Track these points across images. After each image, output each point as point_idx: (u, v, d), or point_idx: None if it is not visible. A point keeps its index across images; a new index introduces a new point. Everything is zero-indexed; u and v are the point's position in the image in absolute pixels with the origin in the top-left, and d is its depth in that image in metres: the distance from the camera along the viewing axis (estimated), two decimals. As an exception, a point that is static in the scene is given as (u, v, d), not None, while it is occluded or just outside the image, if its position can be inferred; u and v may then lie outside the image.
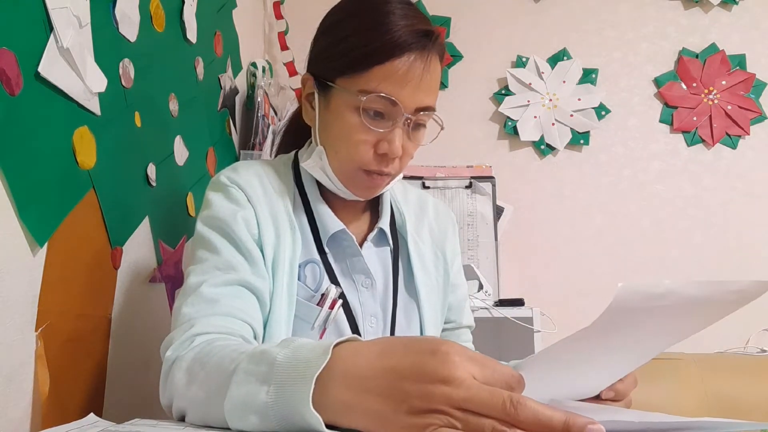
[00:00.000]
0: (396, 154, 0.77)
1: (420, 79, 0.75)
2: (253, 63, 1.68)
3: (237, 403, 0.50)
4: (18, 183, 0.66)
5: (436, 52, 0.77)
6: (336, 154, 0.79)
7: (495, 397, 0.40)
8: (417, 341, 0.46)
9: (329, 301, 0.78)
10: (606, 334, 0.46)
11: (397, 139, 0.76)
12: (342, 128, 0.77)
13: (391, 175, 0.80)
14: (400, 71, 0.74)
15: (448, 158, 1.96)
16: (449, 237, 0.95)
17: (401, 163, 0.80)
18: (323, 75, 0.79)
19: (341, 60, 0.77)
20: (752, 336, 1.84)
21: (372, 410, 0.44)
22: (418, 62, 0.75)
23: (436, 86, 0.79)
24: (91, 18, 0.81)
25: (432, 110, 0.79)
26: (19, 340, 0.67)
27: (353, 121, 0.76)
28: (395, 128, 0.76)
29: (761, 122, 2.03)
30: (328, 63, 0.79)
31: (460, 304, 0.96)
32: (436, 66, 0.78)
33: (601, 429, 0.39)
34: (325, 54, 0.80)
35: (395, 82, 0.74)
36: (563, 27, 2.09)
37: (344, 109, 0.77)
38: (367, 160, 0.77)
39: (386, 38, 0.74)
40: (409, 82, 0.74)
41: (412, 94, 0.75)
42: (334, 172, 0.80)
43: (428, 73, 0.76)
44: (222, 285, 0.72)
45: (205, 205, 0.80)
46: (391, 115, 0.76)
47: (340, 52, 0.77)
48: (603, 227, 2.02)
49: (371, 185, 0.80)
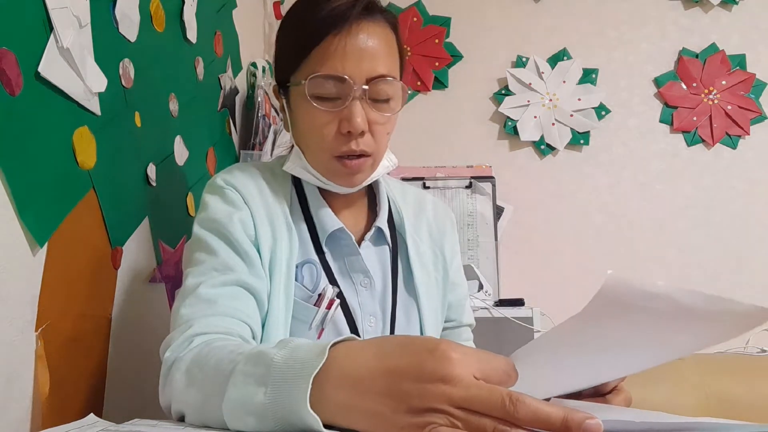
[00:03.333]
0: (358, 129, 0.75)
1: (361, 48, 0.74)
2: (253, 63, 1.68)
3: (235, 404, 0.50)
4: (18, 183, 0.66)
5: (375, 19, 0.77)
6: (308, 148, 0.80)
7: (494, 396, 0.40)
8: (413, 340, 0.46)
9: (326, 301, 0.78)
10: (595, 325, 0.44)
11: (356, 113, 0.74)
12: (303, 120, 0.79)
13: (367, 154, 0.78)
14: (335, 46, 0.74)
15: (448, 158, 1.96)
16: (448, 235, 0.95)
17: (376, 140, 0.78)
18: (281, 79, 0.82)
19: (287, 58, 0.79)
20: (752, 336, 1.83)
21: (371, 410, 0.44)
22: (353, 33, 0.74)
23: (386, 52, 0.77)
24: (91, 18, 0.81)
25: (388, 77, 0.77)
26: (19, 340, 0.67)
27: (308, 108, 0.76)
28: (351, 103, 0.75)
29: (761, 122, 2.03)
30: (280, 65, 0.82)
31: (460, 302, 0.95)
32: (379, 31, 0.77)
33: (599, 424, 0.39)
34: (277, 59, 0.83)
35: (335, 57, 0.74)
36: (563, 27, 2.09)
37: (300, 101, 0.78)
38: (333, 143, 0.77)
39: (315, 19, 0.75)
40: (349, 54, 0.74)
41: (356, 64, 0.74)
42: (313, 167, 0.81)
43: (369, 40, 0.75)
44: (220, 286, 0.72)
45: (202, 208, 0.81)
46: (343, 93, 0.75)
47: (285, 51, 0.80)
48: (603, 227, 2.02)
49: (348, 172, 0.79)
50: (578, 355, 0.50)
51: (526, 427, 0.40)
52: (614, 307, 0.43)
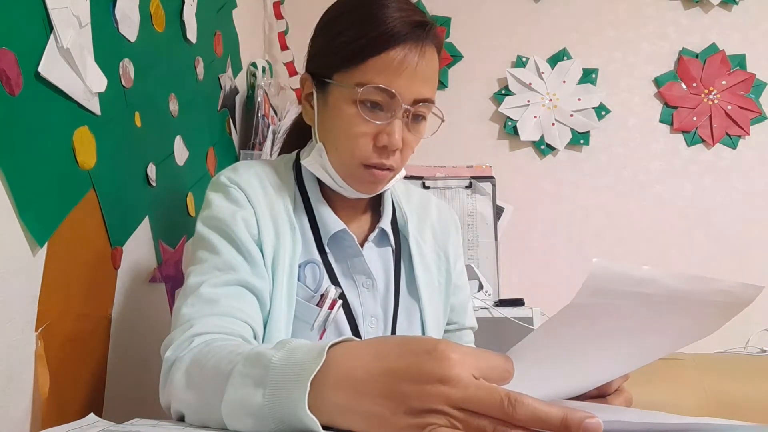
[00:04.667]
0: (396, 146, 0.76)
1: (416, 69, 0.75)
2: (253, 63, 1.68)
3: (233, 405, 0.50)
4: (18, 183, 0.66)
5: (431, 43, 0.77)
6: (336, 150, 0.79)
7: (493, 396, 0.40)
8: (412, 340, 0.46)
9: (329, 301, 0.78)
10: (586, 315, 0.44)
11: (396, 130, 0.75)
12: (341, 123, 0.77)
13: (393, 169, 0.79)
14: (396, 62, 0.74)
15: (448, 158, 1.96)
16: (452, 238, 0.95)
17: (402, 156, 0.80)
18: (321, 72, 0.80)
19: (337, 55, 0.77)
20: (752, 336, 1.83)
21: (370, 412, 0.44)
22: (413, 53, 0.75)
23: (433, 78, 0.79)
24: (91, 18, 0.81)
25: (431, 102, 0.78)
26: (19, 340, 0.67)
27: (351, 114, 0.76)
28: (394, 119, 0.75)
29: (761, 122, 2.03)
30: (325, 60, 0.79)
31: (463, 305, 0.95)
32: (433, 57, 0.78)
33: (599, 423, 0.39)
34: (322, 51, 0.81)
35: (391, 73, 0.74)
36: (563, 27, 2.09)
37: (342, 103, 0.77)
38: (366, 154, 0.77)
39: (380, 29, 0.74)
40: (405, 73, 0.74)
41: (408, 84, 0.75)
42: (335, 168, 0.80)
43: (424, 63, 0.76)
44: (221, 285, 0.72)
45: (205, 206, 0.80)
46: (389, 107, 0.76)
47: (336, 47, 0.78)
48: (603, 227, 2.02)
49: (372, 180, 0.79)
50: (573, 350, 0.49)
51: (526, 427, 0.40)
52: (603, 295, 0.42)
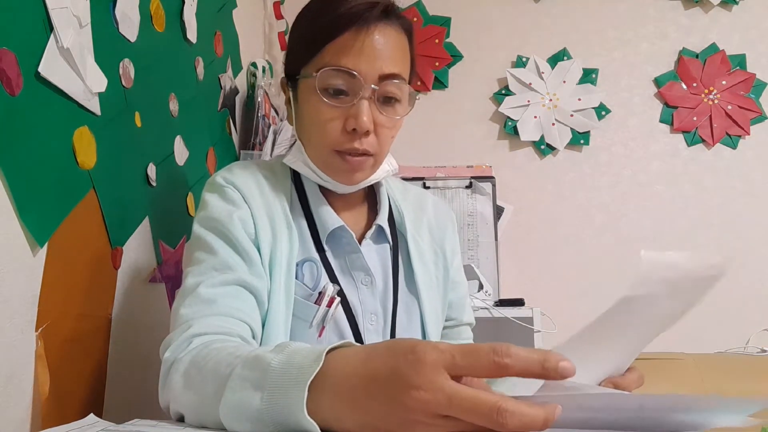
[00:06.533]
0: (364, 128, 0.75)
1: (374, 47, 0.75)
2: (253, 63, 1.68)
3: (232, 408, 0.50)
4: (18, 183, 0.66)
5: (392, 22, 0.77)
6: (310, 142, 0.80)
7: (480, 406, 0.38)
8: (398, 343, 0.43)
9: (327, 299, 0.78)
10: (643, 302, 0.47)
11: (363, 111, 0.75)
12: (309, 113, 0.78)
13: (368, 154, 0.78)
14: (352, 42, 0.74)
15: (448, 158, 1.96)
16: (448, 234, 0.95)
17: (379, 141, 0.79)
18: (291, 71, 0.82)
19: (300, 50, 0.79)
20: (752, 336, 1.83)
21: (360, 420, 0.43)
22: (370, 30, 0.75)
23: (398, 55, 0.78)
24: (91, 18, 0.81)
25: (398, 78, 0.77)
26: (19, 340, 0.67)
27: (316, 101, 0.76)
28: (360, 101, 0.75)
29: (761, 122, 2.03)
30: (293, 58, 0.82)
31: (460, 301, 0.95)
32: (393, 34, 0.77)
33: (557, 406, 0.38)
34: (290, 51, 0.83)
35: (349, 53, 0.75)
36: (563, 27, 2.09)
37: (308, 94, 0.78)
38: (336, 138, 0.77)
39: (333, 15, 0.75)
40: (363, 52, 0.74)
41: (369, 63, 0.75)
42: (313, 161, 0.81)
43: (383, 40, 0.76)
44: (219, 285, 0.72)
45: (202, 206, 0.80)
46: (352, 90, 0.75)
47: (299, 44, 0.80)
48: (603, 227, 2.02)
49: (348, 168, 0.79)
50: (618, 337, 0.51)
51: None
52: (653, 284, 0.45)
